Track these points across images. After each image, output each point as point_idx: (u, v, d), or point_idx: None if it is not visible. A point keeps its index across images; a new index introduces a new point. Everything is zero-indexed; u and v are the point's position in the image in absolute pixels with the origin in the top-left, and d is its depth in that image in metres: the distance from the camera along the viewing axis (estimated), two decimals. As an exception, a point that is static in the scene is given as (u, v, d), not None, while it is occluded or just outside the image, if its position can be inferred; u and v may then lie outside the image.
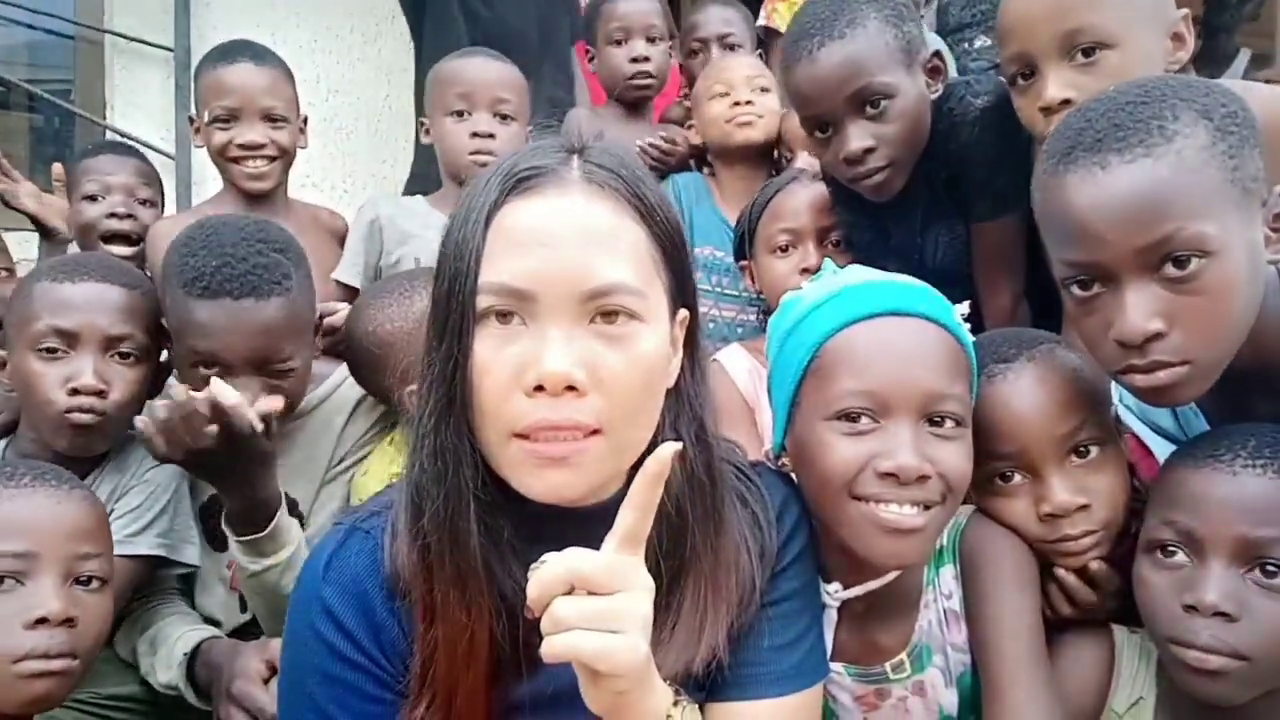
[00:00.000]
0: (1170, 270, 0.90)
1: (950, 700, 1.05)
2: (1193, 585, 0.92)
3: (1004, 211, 1.42)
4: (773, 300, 1.66)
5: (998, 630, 1.00)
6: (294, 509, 1.39)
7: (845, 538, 0.96)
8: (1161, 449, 1.15)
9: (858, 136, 1.39)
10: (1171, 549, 0.95)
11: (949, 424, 0.94)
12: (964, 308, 1.04)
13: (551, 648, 0.70)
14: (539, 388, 0.77)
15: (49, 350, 1.27)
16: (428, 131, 1.97)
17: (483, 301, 0.79)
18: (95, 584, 1.06)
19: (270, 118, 1.83)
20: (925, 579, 1.05)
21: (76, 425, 1.26)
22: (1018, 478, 1.05)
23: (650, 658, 0.74)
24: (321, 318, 1.50)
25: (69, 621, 1.02)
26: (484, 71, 1.90)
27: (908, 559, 0.97)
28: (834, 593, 1.02)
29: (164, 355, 1.39)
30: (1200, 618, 0.91)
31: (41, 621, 1.00)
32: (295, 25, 3.01)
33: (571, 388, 0.77)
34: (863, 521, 0.94)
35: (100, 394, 1.26)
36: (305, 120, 1.94)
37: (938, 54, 1.44)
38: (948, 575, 1.05)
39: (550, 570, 0.71)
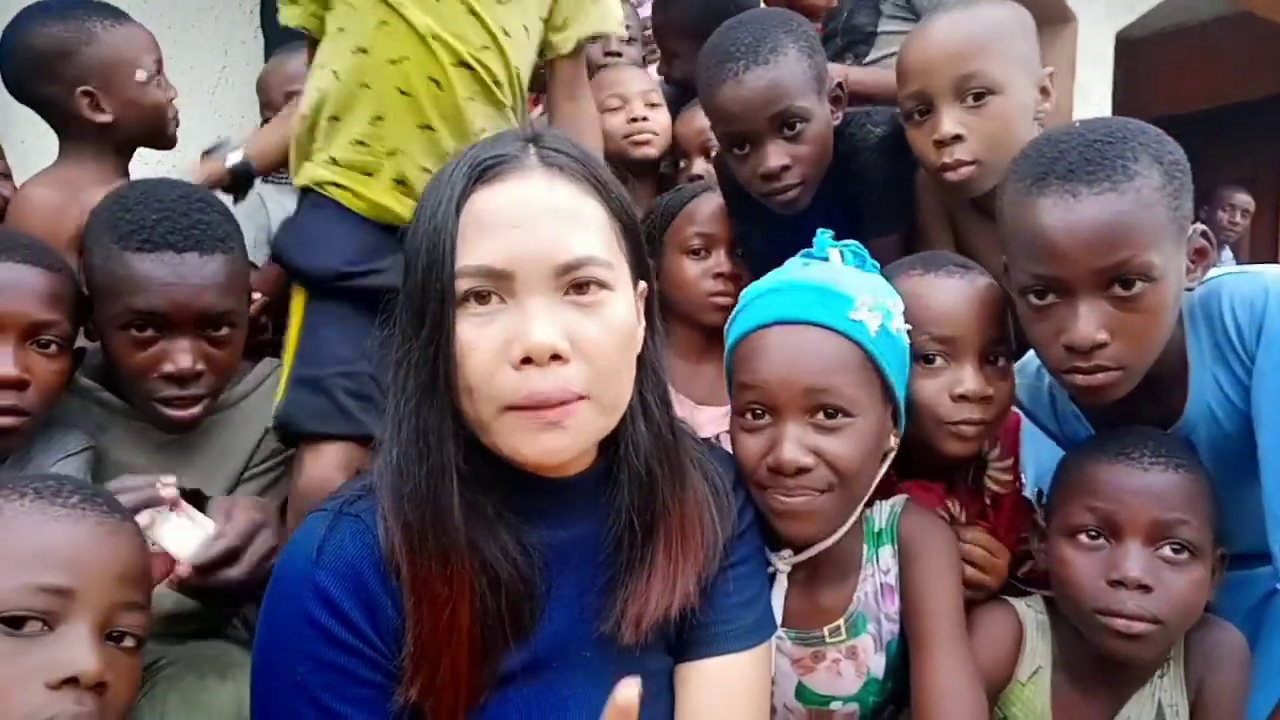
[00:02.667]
0: (1118, 290, 1.05)
1: (878, 664, 1.17)
2: (1116, 563, 1.08)
3: (889, 229, 1.58)
4: (677, 296, 1.73)
5: (927, 598, 1.14)
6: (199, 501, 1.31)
7: (766, 518, 1.09)
8: (1031, 433, 1.38)
9: (776, 155, 1.50)
10: (1094, 533, 1.11)
11: (837, 415, 1.06)
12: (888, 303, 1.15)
13: None
14: (526, 360, 0.82)
15: None
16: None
17: (462, 285, 0.84)
18: (130, 642, 0.88)
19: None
20: (865, 556, 1.18)
21: None
22: (940, 361, 1.19)
23: None
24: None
25: (100, 687, 0.82)
26: None
27: (809, 537, 1.10)
28: (785, 557, 1.13)
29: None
30: (1125, 590, 1.07)
31: (70, 682, 0.81)
32: (126, -11, 2.76)
33: (556, 356, 0.83)
34: (765, 505, 1.08)
35: (21, 386, 1.14)
36: None
37: (840, 85, 1.57)
38: (886, 554, 1.18)
39: None
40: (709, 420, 1.58)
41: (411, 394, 0.86)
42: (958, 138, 1.35)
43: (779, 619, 1.12)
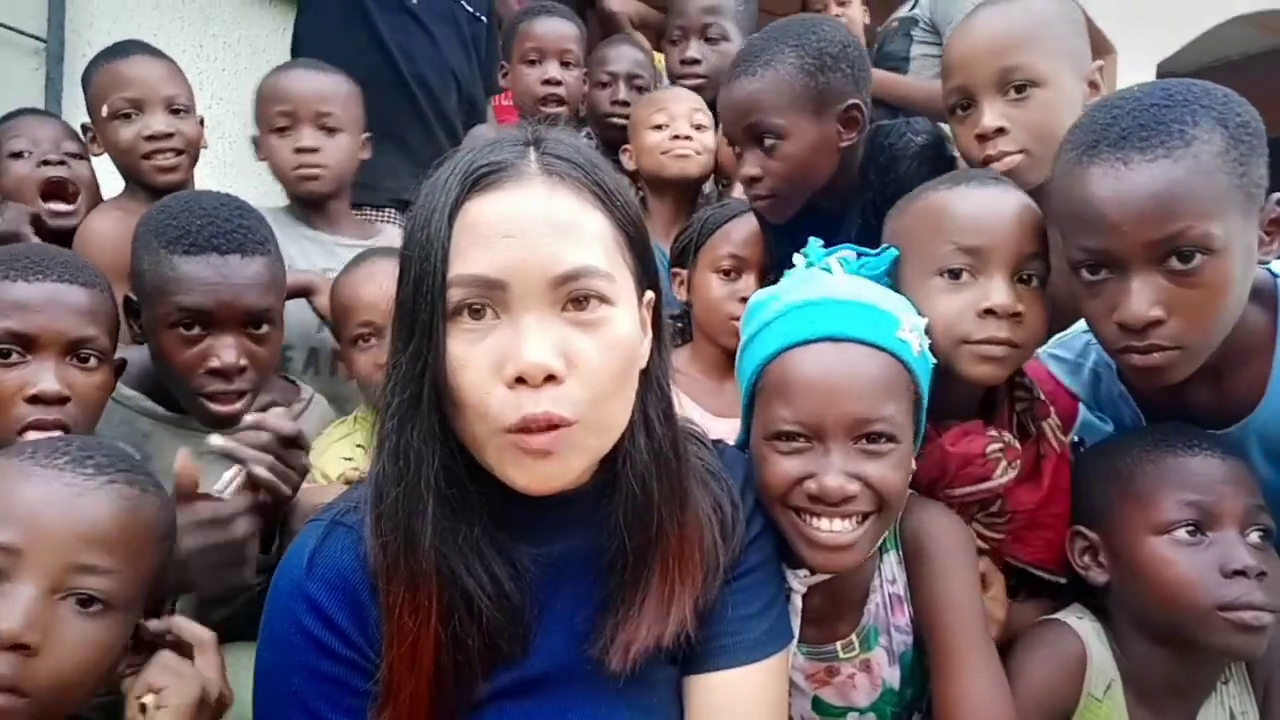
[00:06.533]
0: (1175, 264, 0.98)
1: (893, 676, 1.14)
2: (1230, 554, 1.04)
3: None
4: (701, 314, 1.74)
5: (944, 601, 1.07)
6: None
7: (786, 539, 1.03)
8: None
9: (748, 164, 1.52)
10: (1191, 527, 1.07)
11: (883, 441, 1.00)
12: (920, 321, 1.10)
13: None
14: (519, 380, 0.78)
15: (1, 355, 1.15)
16: (259, 149, 1.92)
17: (454, 296, 0.80)
18: (96, 607, 0.86)
19: (173, 108, 1.82)
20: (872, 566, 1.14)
21: None
22: (966, 276, 1.13)
23: None
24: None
25: (23, 647, 0.82)
26: (304, 84, 1.86)
27: (840, 568, 1.04)
28: (803, 577, 1.07)
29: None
30: (1247, 580, 1.03)
31: None
32: (179, 28, 2.89)
33: (551, 376, 0.79)
34: (794, 531, 1.02)
35: (63, 401, 1.17)
36: (202, 121, 1.93)
37: (856, 107, 1.50)
38: (891, 561, 1.14)
39: None
40: (728, 431, 1.57)
41: (395, 410, 0.83)
42: (1000, 130, 1.33)
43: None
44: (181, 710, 0.88)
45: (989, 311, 1.11)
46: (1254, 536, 1.06)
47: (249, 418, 1.16)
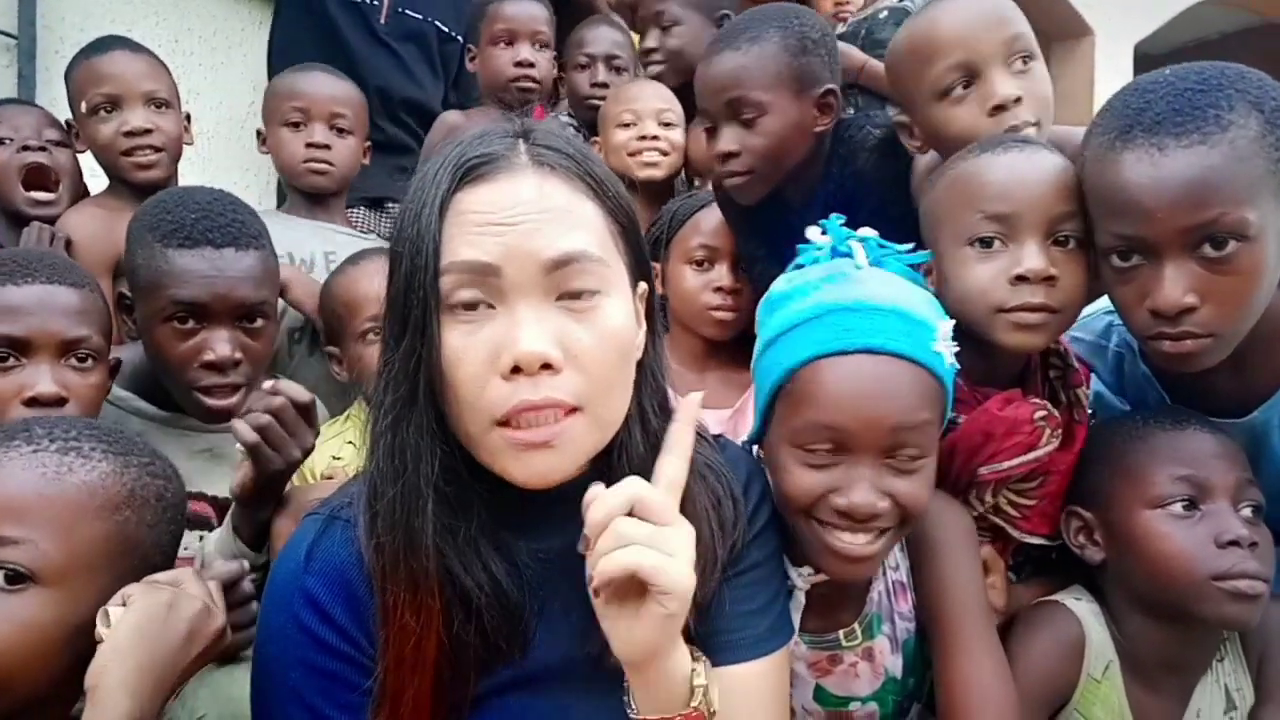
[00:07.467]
0: (1208, 250, 0.96)
1: (895, 664, 1.15)
2: (1224, 527, 1.06)
3: (892, 230, 1.57)
4: (677, 305, 1.73)
5: (946, 588, 1.07)
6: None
7: (803, 545, 1.03)
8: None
9: (727, 139, 1.53)
10: (1187, 502, 1.09)
11: (913, 458, 0.98)
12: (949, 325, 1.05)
13: (611, 563, 0.74)
14: (515, 369, 0.78)
15: None
16: (264, 141, 2.00)
17: (447, 284, 0.79)
18: (23, 584, 0.83)
19: (153, 101, 1.81)
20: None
21: None
22: (997, 245, 1.11)
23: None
24: None
25: None
26: (321, 86, 1.97)
27: (859, 578, 1.04)
28: (806, 575, 1.06)
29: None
30: (1239, 550, 1.04)
31: None
32: (155, 23, 2.85)
33: (547, 365, 0.78)
34: (816, 541, 1.00)
35: (60, 403, 1.15)
36: (189, 117, 1.91)
37: (833, 92, 1.53)
38: (894, 548, 1.13)
39: (614, 494, 0.76)
40: (711, 424, 1.56)
41: (390, 408, 0.81)
42: (1018, 100, 1.27)
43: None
44: (147, 611, 0.85)
45: (1021, 278, 1.09)
46: (1246, 511, 1.08)
47: (267, 384, 1.18)
